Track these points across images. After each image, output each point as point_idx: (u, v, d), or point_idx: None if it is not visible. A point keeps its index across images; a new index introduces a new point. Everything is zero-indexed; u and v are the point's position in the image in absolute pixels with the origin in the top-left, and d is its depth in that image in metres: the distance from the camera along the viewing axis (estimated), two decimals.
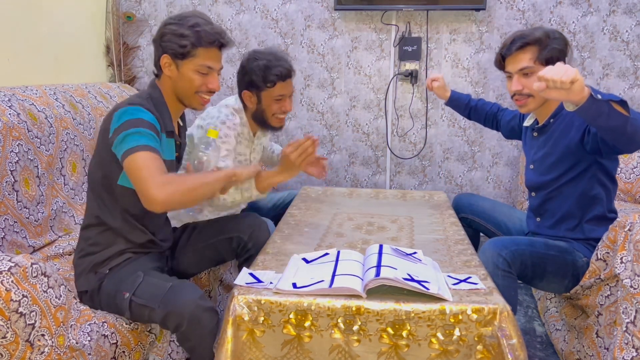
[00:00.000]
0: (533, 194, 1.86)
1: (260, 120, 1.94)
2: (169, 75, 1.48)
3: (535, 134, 1.84)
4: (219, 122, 1.85)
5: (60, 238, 1.89)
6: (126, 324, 1.44)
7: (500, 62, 1.76)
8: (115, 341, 1.38)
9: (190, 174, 1.44)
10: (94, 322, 1.36)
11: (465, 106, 2.20)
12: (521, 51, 1.67)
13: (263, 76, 1.83)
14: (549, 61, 1.65)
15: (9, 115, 1.74)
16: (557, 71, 1.30)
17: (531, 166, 1.85)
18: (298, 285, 1.27)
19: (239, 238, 1.72)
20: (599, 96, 1.34)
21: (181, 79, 1.47)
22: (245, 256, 1.71)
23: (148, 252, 1.54)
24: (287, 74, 1.85)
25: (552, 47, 1.65)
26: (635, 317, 1.34)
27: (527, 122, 1.89)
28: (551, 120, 1.76)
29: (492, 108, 2.18)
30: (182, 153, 1.61)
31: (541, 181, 1.80)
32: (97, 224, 1.49)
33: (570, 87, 1.30)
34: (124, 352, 1.41)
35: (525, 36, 1.67)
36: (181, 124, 1.63)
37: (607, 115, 1.37)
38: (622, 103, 1.38)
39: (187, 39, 1.43)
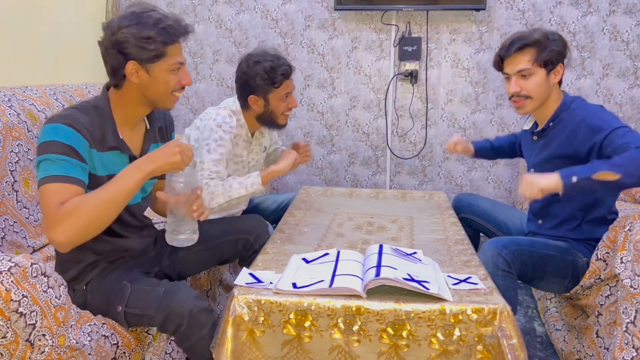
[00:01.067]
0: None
1: (268, 121, 1.96)
2: (137, 83, 1.34)
3: (535, 137, 1.83)
4: (214, 125, 1.86)
5: None
6: None
7: (499, 63, 1.76)
8: (116, 342, 1.38)
9: (102, 191, 1.24)
10: (94, 323, 1.36)
11: (490, 151, 2.18)
12: (520, 53, 1.67)
13: (270, 78, 1.85)
14: (547, 63, 1.66)
15: (9, 115, 1.74)
16: (524, 189, 1.48)
17: (532, 170, 1.85)
18: (298, 285, 1.27)
19: (245, 240, 1.71)
20: (575, 178, 1.42)
21: (154, 82, 1.35)
22: (251, 259, 1.66)
23: (121, 258, 1.49)
24: (290, 72, 1.90)
25: (550, 49, 1.65)
26: (635, 317, 1.34)
27: (527, 126, 1.89)
28: (550, 124, 1.75)
29: (510, 139, 2.16)
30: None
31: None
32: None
33: (543, 193, 1.45)
34: (124, 352, 1.41)
35: (524, 38, 1.67)
36: (148, 127, 1.50)
37: (594, 187, 1.42)
38: (611, 166, 1.40)
39: (155, 40, 1.30)
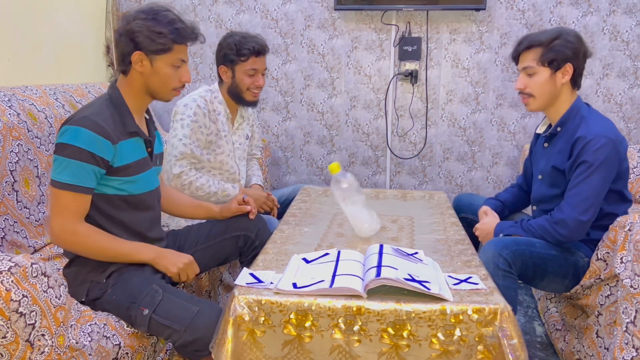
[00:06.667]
0: (534, 207, 1.86)
1: (235, 95, 2.04)
2: (141, 71, 1.44)
3: (545, 144, 1.82)
4: (190, 100, 1.98)
5: None
6: (127, 326, 1.43)
7: (515, 61, 1.80)
8: (117, 342, 1.38)
9: (113, 243, 1.42)
10: (95, 323, 1.36)
11: (505, 209, 2.04)
12: (526, 51, 1.71)
13: (237, 50, 1.95)
14: (552, 62, 1.66)
15: (9, 115, 1.74)
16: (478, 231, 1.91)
17: (539, 177, 1.84)
18: (298, 286, 1.27)
19: (245, 237, 1.75)
20: (501, 235, 1.79)
21: (155, 73, 1.44)
22: (252, 254, 1.72)
23: None
24: (260, 50, 1.98)
25: (557, 49, 1.66)
26: (635, 317, 1.34)
27: (540, 129, 1.87)
28: (558, 128, 1.75)
29: (519, 184, 2.07)
30: (154, 147, 1.58)
31: (547, 194, 1.78)
32: None
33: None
34: (127, 353, 1.40)
35: (532, 38, 1.71)
36: (147, 117, 1.60)
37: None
38: (527, 232, 1.73)
39: (166, 36, 1.40)
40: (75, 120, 1.36)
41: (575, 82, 1.72)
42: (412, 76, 2.91)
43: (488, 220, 1.89)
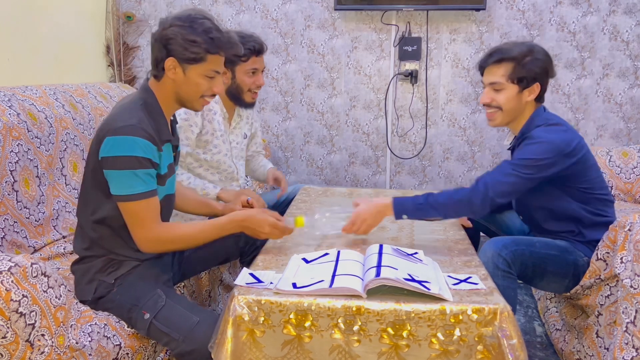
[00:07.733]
0: (520, 217, 1.86)
1: (235, 96, 2.03)
2: (173, 79, 1.41)
3: (512, 157, 1.81)
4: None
5: (64, 237, 1.88)
6: (127, 327, 1.43)
7: (480, 71, 1.75)
8: (118, 343, 1.38)
9: (198, 232, 1.46)
10: (95, 323, 1.36)
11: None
12: (495, 65, 1.67)
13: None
14: (521, 80, 1.64)
15: (9, 115, 1.74)
16: (356, 226, 1.60)
17: None
18: (298, 286, 1.27)
19: (246, 237, 1.71)
20: (405, 217, 1.60)
21: (187, 82, 1.42)
22: (252, 254, 1.71)
23: (150, 259, 1.49)
24: (259, 49, 1.97)
25: (527, 68, 1.63)
26: (635, 317, 1.34)
27: (508, 141, 1.85)
28: (519, 141, 1.74)
29: None
30: (178, 152, 1.59)
31: (531, 205, 1.78)
32: (86, 232, 1.45)
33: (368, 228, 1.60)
34: (127, 353, 1.41)
35: (503, 51, 1.66)
36: (171, 118, 1.58)
37: (429, 218, 1.64)
38: (435, 210, 1.59)
39: (200, 45, 1.37)
40: (125, 130, 1.34)
41: (540, 98, 1.71)
42: (412, 76, 2.91)
43: (368, 204, 1.62)
